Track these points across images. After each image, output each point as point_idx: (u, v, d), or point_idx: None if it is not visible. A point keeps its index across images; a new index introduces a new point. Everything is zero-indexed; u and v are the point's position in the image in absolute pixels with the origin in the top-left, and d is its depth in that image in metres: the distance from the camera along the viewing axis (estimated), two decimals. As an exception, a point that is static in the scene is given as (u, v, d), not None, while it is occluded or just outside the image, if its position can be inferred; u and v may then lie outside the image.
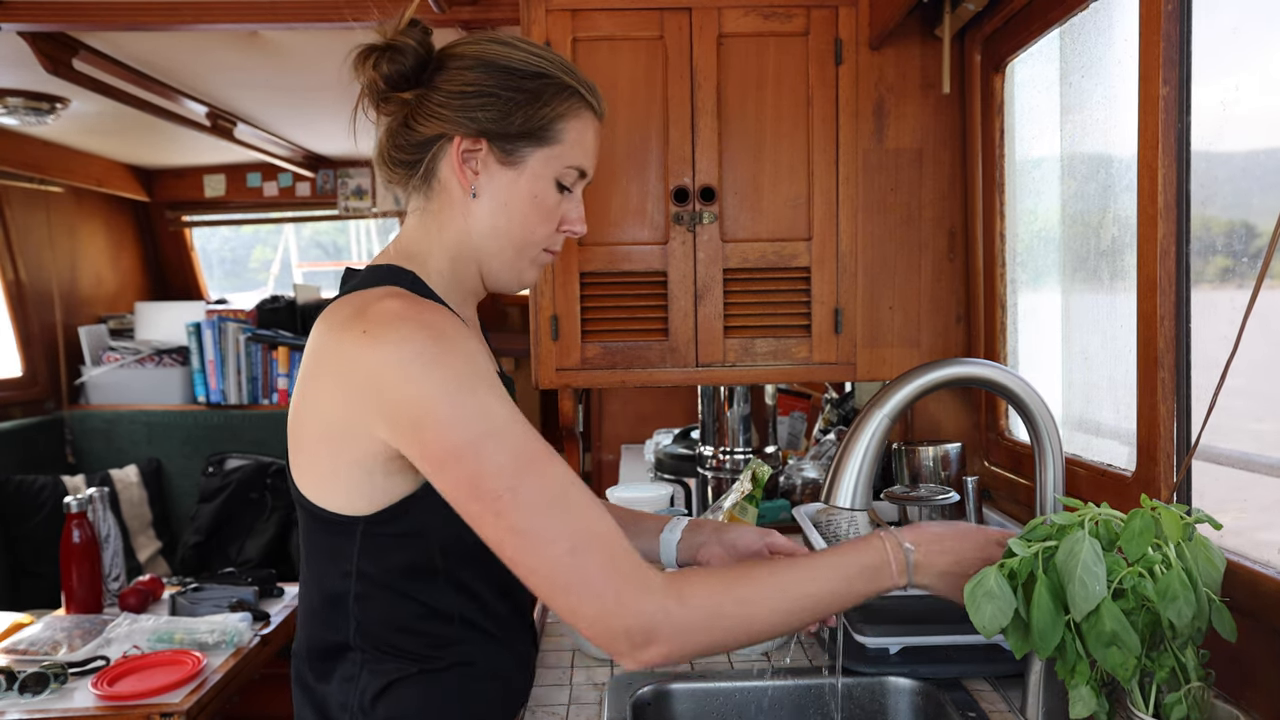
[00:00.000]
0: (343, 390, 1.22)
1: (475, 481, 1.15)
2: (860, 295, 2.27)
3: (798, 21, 2.20)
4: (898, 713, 1.66)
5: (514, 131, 1.33)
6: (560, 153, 1.37)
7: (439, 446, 1.16)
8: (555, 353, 2.26)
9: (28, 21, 2.80)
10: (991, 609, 1.20)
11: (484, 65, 1.33)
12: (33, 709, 2.42)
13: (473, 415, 1.16)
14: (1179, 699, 1.12)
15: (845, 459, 1.54)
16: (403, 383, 1.16)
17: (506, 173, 1.35)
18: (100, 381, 5.01)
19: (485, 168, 1.34)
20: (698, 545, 1.62)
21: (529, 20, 2.19)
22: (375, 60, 1.32)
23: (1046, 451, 1.51)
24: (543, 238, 1.40)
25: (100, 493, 3.18)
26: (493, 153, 1.33)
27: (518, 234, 1.38)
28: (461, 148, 1.33)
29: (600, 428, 4.05)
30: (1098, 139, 1.88)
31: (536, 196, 1.37)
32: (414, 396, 1.16)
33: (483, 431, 1.15)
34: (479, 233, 1.37)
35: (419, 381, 1.16)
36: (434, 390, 1.16)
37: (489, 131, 1.32)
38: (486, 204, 1.35)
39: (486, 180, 1.35)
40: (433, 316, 1.21)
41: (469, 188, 1.35)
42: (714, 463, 2.72)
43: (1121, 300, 1.75)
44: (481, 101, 1.31)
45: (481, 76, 1.32)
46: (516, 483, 1.14)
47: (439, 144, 1.34)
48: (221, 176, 5.61)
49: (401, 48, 1.32)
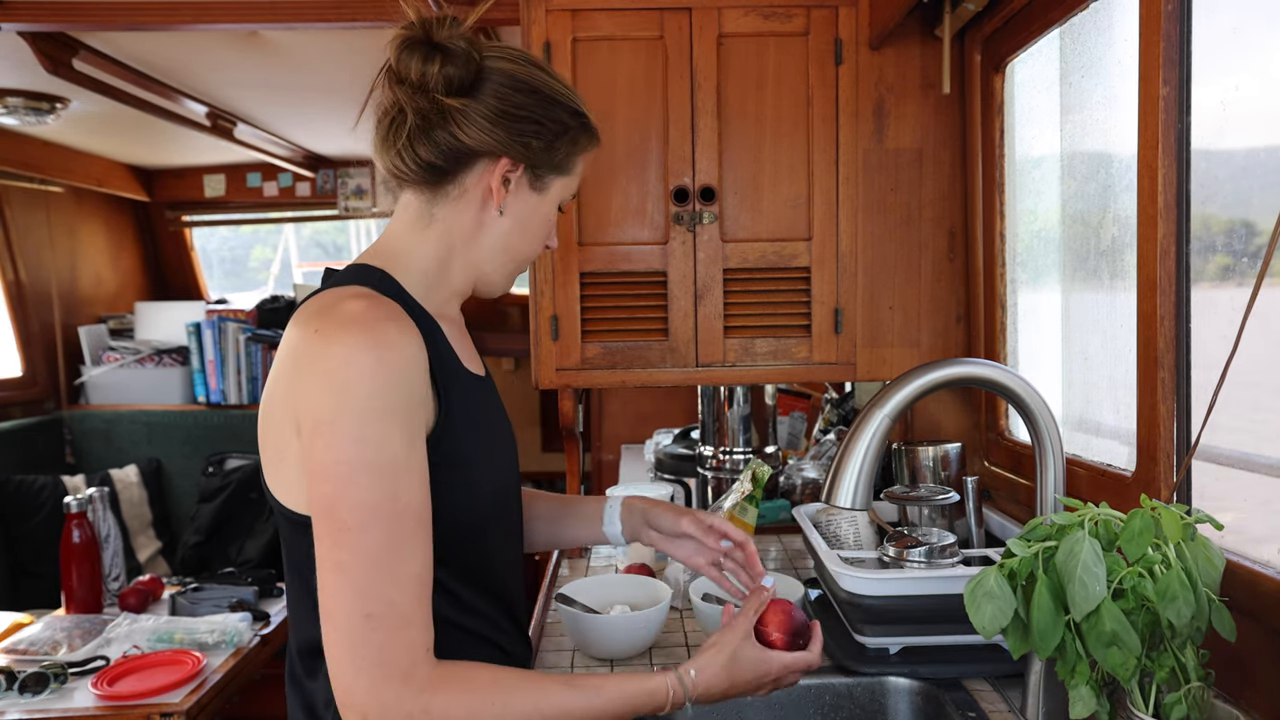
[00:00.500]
0: (288, 388, 1.22)
1: (333, 504, 1.14)
2: (860, 295, 2.27)
3: (798, 21, 2.20)
4: (898, 713, 1.66)
5: (552, 162, 1.38)
6: (571, 182, 1.43)
7: (322, 457, 1.15)
8: (555, 353, 2.26)
9: (28, 21, 2.80)
10: (991, 609, 1.20)
11: (533, 92, 1.34)
12: (33, 709, 2.42)
13: (367, 440, 1.14)
14: (1179, 699, 1.12)
15: (845, 459, 1.54)
16: (324, 387, 1.16)
17: (533, 196, 1.39)
18: (100, 381, 5.00)
19: (516, 188, 1.36)
20: (635, 525, 1.66)
21: (529, 20, 2.19)
22: (441, 59, 1.30)
23: (1047, 451, 1.51)
24: (536, 251, 1.46)
25: (100, 493, 3.18)
26: (526, 176, 1.36)
27: (526, 250, 1.43)
28: (504, 168, 1.34)
29: (600, 428, 4.05)
30: (1098, 139, 1.88)
31: (548, 219, 1.43)
32: (325, 404, 1.15)
33: (366, 462, 1.14)
34: (490, 245, 1.39)
35: (337, 391, 1.15)
36: (345, 403, 1.14)
37: (531, 159, 1.35)
38: (508, 222, 1.38)
39: (514, 200, 1.37)
40: (381, 329, 1.19)
41: (499, 205, 1.36)
42: (714, 463, 2.72)
43: (1121, 300, 1.75)
44: (533, 129, 1.33)
45: (531, 103, 1.33)
46: (366, 525, 1.13)
47: (481, 159, 1.34)
48: (221, 176, 5.60)
49: (463, 55, 1.30)
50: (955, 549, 1.70)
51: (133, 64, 3.42)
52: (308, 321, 1.21)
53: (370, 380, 1.15)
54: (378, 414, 1.15)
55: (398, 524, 1.15)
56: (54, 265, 4.98)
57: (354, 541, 1.13)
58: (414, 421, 1.19)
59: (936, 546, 1.68)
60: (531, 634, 1.96)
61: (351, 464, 1.13)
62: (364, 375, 1.15)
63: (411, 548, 1.16)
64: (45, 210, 4.95)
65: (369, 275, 1.32)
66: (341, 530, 1.13)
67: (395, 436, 1.16)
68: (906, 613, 1.63)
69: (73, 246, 5.18)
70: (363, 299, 1.23)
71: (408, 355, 1.19)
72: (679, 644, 1.89)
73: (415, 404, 1.20)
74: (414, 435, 1.19)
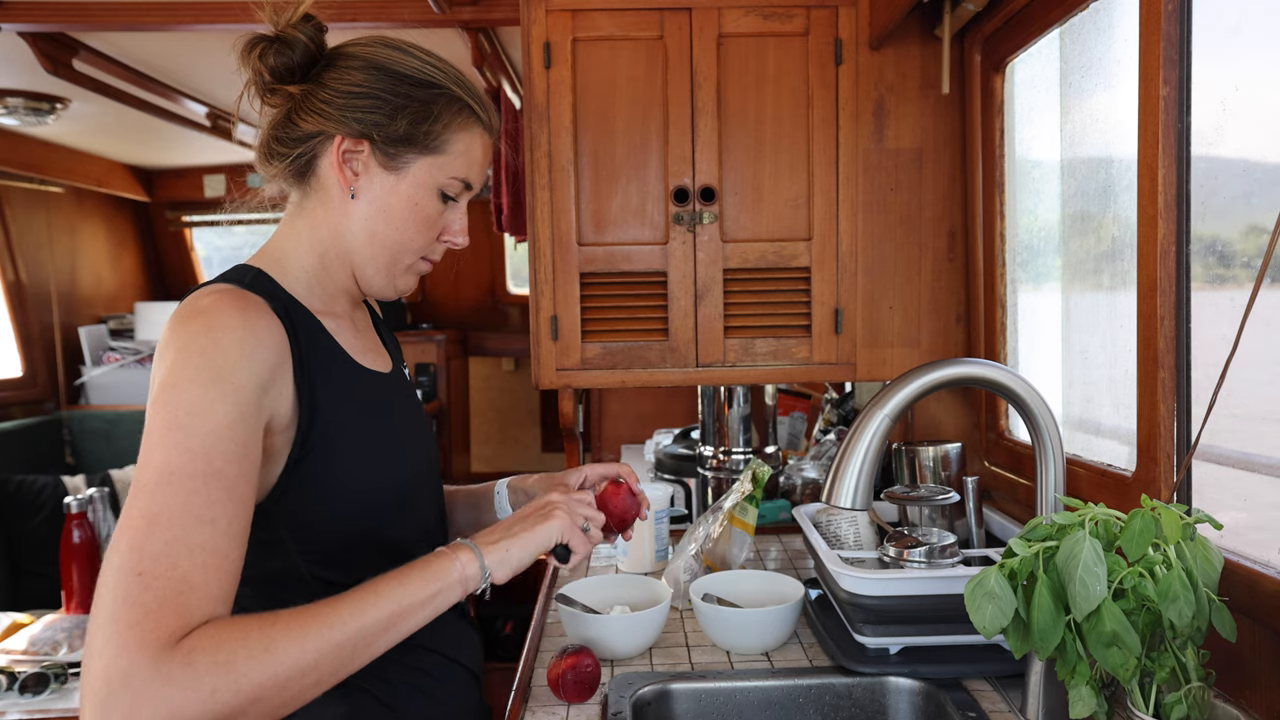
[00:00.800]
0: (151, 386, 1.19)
1: (142, 463, 1.08)
2: (860, 295, 2.27)
3: (798, 22, 2.20)
4: (898, 713, 1.66)
5: (399, 136, 1.32)
6: (444, 163, 1.36)
7: (151, 423, 1.11)
8: (555, 353, 2.26)
9: (28, 22, 2.81)
10: (992, 609, 1.20)
11: (374, 68, 1.32)
12: (33, 709, 2.42)
13: (179, 405, 1.10)
14: (1179, 699, 1.12)
15: (846, 459, 1.54)
16: (162, 370, 1.14)
17: (388, 177, 1.34)
18: (100, 382, 5.00)
19: (366, 170, 1.33)
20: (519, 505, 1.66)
21: (529, 20, 2.19)
22: (262, 51, 1.31)
23: (1047, 451, 1.51)
24: (421, 246, 1.40)
25: (100, 493, 3.18)
26: (375, 156, 1.33)
27: (394, 239, 1.37)
28: (343, 147, 1.32)
29: (600, 428, 4.05)
30: (1098, 139, 1.88)
31: (417, 204, 1.36)
32: (164, 378, 1.13)
33: (176, 424, 1.09)
34: (354, 234, 1.36)
35: (174, 367, 1.13)
36: (178, 376, 1.12)
37: (372, 134, 1.31)
38: (365, 206, 1.34)
39: (367, 182, 1.34)
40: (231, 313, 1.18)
41: (348, 188, 1.33)
42: (714, 463, 2.72)
43: (1121, 300, 1.75)
44: (368, 103, 1.31)
45: (370, 79, 1.31)
46: (160, 483, 1.06)
47: (319, 140, 1.33)
48: (221, 177, 5.61)
49: (291, 41, 1.31)
50: (955, 549, 1.70)
51: (133, 64, 3.42)
52: (169, 322, 1.20)
53: (200, 356, 1.13)
54: (198, 382, 1.11)
55: (201, 486, 1.06)
56: (54, 265, 4.98)
57: (143, 498, 1.05)
58: (245, 398, 1.15)
59: (937, 546, 1.68)
60: (531, 635, 1.95)
61: (165, 426, 1.09)
62: (193, 353, 1.13)
63: (213, 514, 1.06)
64: (45, 210, 4.95)
65: (241, 274, 1.32)
66: (137, 489, 1.06)
67: (216, 405, 1.11)
68: (907, 613, 1.63)
69: (73, 247, 5.18)
70: (215, 293, 1.22)
71: (249, 336, 1.18)
72: (679, 644, 1.89)
73: (251, 384, 1.16)
74: (244, 411, 1.14)
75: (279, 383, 1.21)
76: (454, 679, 1.46)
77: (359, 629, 1.11)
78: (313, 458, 1.25)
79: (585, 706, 1.63)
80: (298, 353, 1.25)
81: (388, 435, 1.38)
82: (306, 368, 1.25)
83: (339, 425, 1.28)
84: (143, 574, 1.00)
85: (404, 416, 1.46)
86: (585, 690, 1.62)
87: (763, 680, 1.69)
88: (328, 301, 1.39)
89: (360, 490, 1.31)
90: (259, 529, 1.21)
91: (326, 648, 1.08)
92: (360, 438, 1.32)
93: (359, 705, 1.30)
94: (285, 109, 1.34)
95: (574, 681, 1.61)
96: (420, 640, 1.26)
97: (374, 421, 1.36)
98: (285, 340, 1.22)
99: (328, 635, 1.08)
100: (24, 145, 4.56)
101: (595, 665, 1.64)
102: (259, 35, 1.32)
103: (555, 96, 2.21)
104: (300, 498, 1.25)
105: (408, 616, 1.17)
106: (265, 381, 1.18)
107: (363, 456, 1.31)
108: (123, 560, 1.00)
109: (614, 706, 1.60)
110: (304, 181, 1.36)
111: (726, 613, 1.82)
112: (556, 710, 1.62)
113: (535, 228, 2.24)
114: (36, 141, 4.63)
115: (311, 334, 1.31)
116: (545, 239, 2.24)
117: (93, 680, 0.96)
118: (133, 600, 0.98)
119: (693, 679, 1.70)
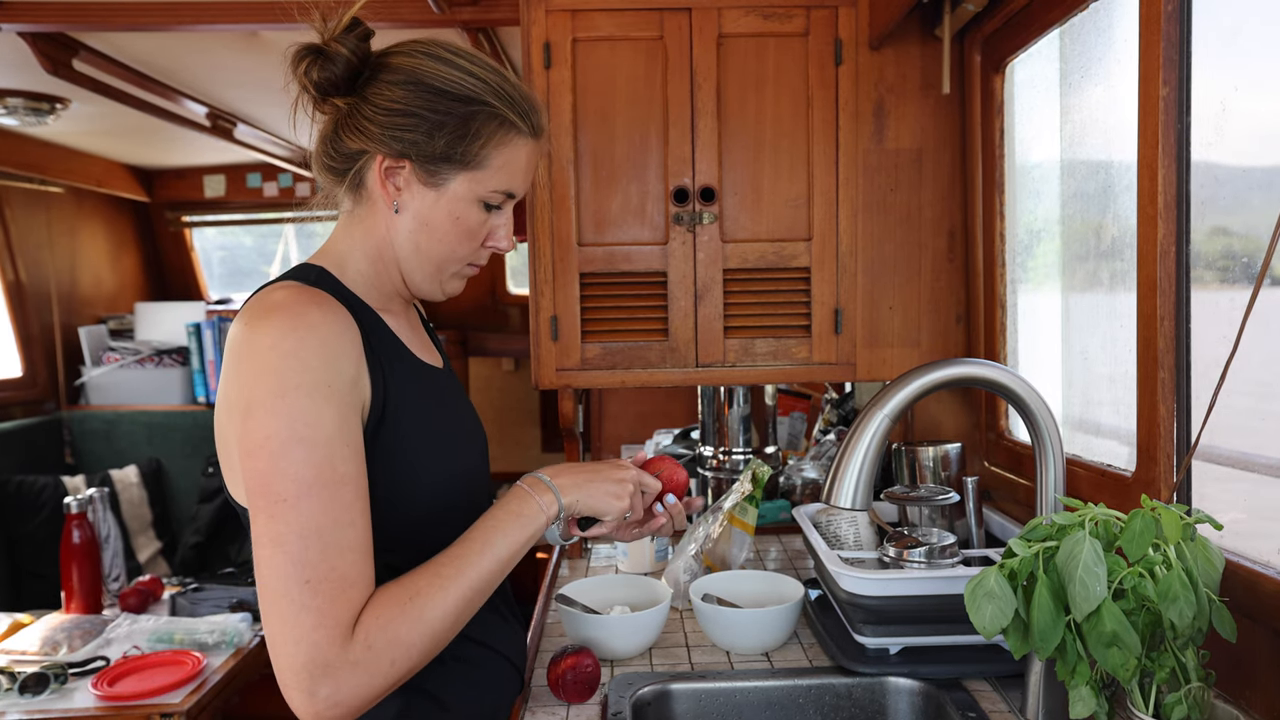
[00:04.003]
0: (226, 379, 1.24)
1: (267, 480, 1.15)
2: (860, 295, 2.27)
3: (797, 22, 2.20)
4: (898, 713, 1.66)
5: (437, 154, 1.33)
6: (484, 177, 1.37)
7: (253, 436, 1.17)
8: (555, 353, 2.26)
9: (28, 22, 2.80)
10: (992, 609, 1.20)
11: (413, 83, 1.33)
12: (33, 709, 2.42)
13: (295, 416, 1.16)
14: (1179, 699, 1.12)
15: (846, 459, 1.54)
16: (251, 372, 1.19)
17: (428, 193, 1.36)
18: (100, 382, 5.00)
19: (408, 186, 1.35)
20: None
21: (529, 20, 2.19)
22: (307, 65, 1.34)
23: (1047, 451, 1.51)
24: (464, 255, 1.42)
25: (100, 493, 3.18)
26: (415, 173, 1.35)
27: (437, 251, 1.40)
28: (384, 165, 1.34)
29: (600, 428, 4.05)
30: (1098, 139, 1.88)
31: (459, 217, 1.38)
32: (254, 385, 1.18)
33: (299, 437, 1.16)
34: (400, 245, 1.39)
35: (263, 373, 1.18)
36: (272, 381, 1.17)
37: (411, 153, 1.33)
38: (408, 220, 1.37)
39: (409, 198, 1.36)
40: (304, 313, 1.22)
41: (391, 202, 1.36)
42: (714, 463, 2.73)
43: (1121, 300, 1.75)
44: (407, 122, 1.32)
45: (409, 95, 1.32)
46: (301, 496, 1.15)
47: (364, 158, 1.35)
48: (221, 177, 5.61)
49: (333, 55, 1.32)
50: (955, 549, 1.70)
51: (133, 64, 3.42)
52: (240, 318, 1.24)
53: (294, 359, 1.18)
54: (304, 390, 1.17)
55: (336, 493, 1.17)
56: (54, 266, 4.98)
57: (290, 513, 1.15)
58: (344, 399, 1.21)
59: (936, 547, 1.68)
60: (531, 635, 1.96)
61: (282, 439, 1.15)
62: (288, 356, 1.18)
63: (351, 516, 1.18)
64: (45, 211, 4.95)
65: (305, 272, 1.37)
66: (277, 503, 1.15)
67: (325, 412, 1.18)
68: (907, 613, 1.63)
69: (73, 247, 5.18)
70: (287, 289, 1.26)
71: (332, 335, 1.22)
72: (679, 644, 1.89)
73: (344, 383, 1.22)
74: (345, 412, 1.21)
75: (361, 375, 1.27)
76: (500, 672, 1.48)
77: (478, 577, 1.28)
78: (382, 445, 1.29)
79: (585, 706, 1.63)
80: (369, 345, 1.29)
81: (447, 426, 1.44)
82: (377, 359, 1.31)
83: (406, 415, 1.33)
84: (309, 581, 1.14)
85: (458, 409, 1.52)
86: (585, 690, 1.62)
87: (763, 680, 1.70)
88: (384, 301, 1.43)
89: (424, 478, 1.35)
90: None
91: (460, 601, 1.25)
92: (424, 428, 1.37)
93: (411, 703, 1.34)
94: (333, 123, 1.37)
95: (574, 682, 1.61)
96: (469, 633, 1.34)
97: (435, 412, 1.42)
98: (359, 334, 1.27)
99: (457, 590, 1.25)
100: (24, 145, 4.55)
101: (595, 665, 1.64)
102: (305, 47, 1.34)
103: (555, 97, 2.21)
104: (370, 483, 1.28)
105: (512, 562, 1.33)
106: (353, 376, 1.24)
107: (427, 446, 1.36)
108: (290, 571, 1.14)
109: (614, 707, 1.60)
110: (355, 192, 1.39)
111: (726, 613, 1.82)
112: (556, 710, 1.62)
113: (535, 228, 2.24)
114: (36, 142, 4.62)
115: (376, 329, 1.36)
116: (545, 239, 2.24)
117: (297, 675, 1.13)
118: (308, 606, 1.13)
119: (693, 679, 1.70)
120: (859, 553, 1.87)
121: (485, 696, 1.45)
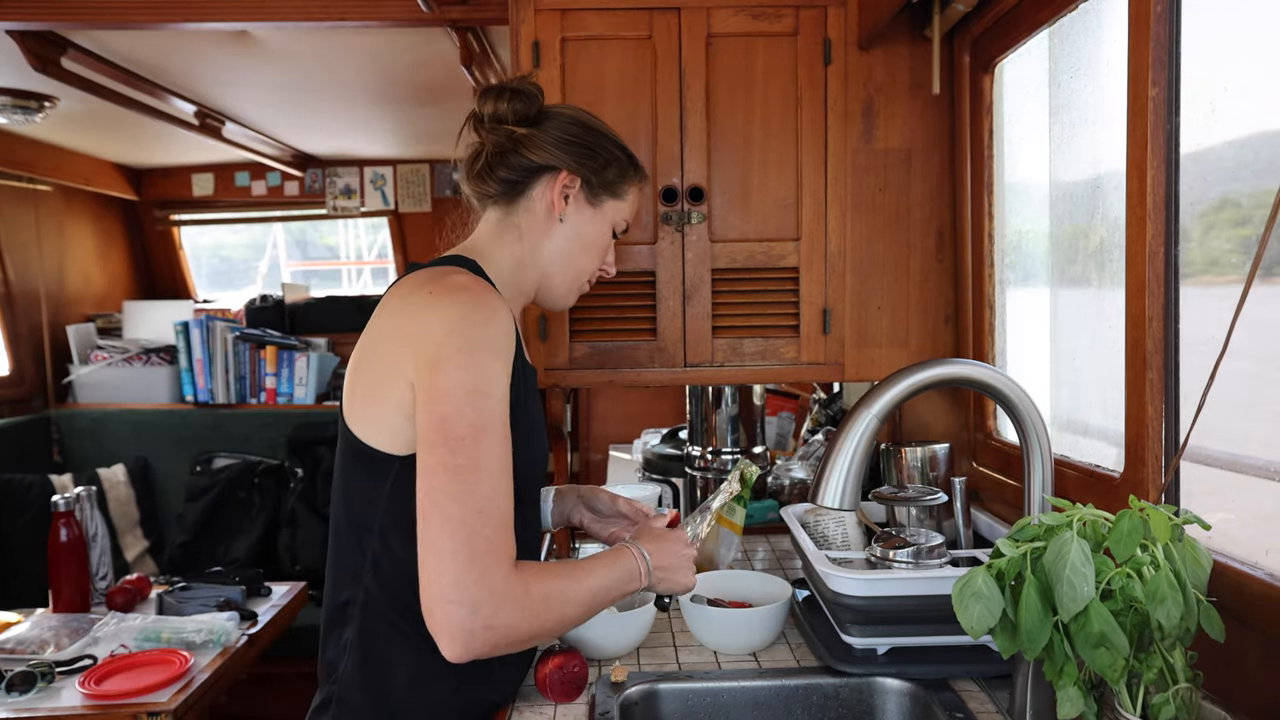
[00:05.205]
0: (396, 339, 1.43)
1: (447, 421, 1.32)
2: (848, 295, 2.27)
3: (786, 21, 2.20)
4: (885, 713, 1.66)
5: (605, 181, 1.65)
6: (622, 208, 1.71)
7: (440, 384, 1.34)
8: (544, 352, 2.25)
9: (16, 20, 2.79)
10: (979, 609, 1.20)
11: (584, 125, 1.65)
12: (20, 708, 2.41)
13: (477, 373, 1.35)
14: (1166, 700, 1.12)
15: (833, 459, 1.54)
16: (442, 332, 1.37)
17: (588, 210, 1.66)
18: (88, 380, 4.98)
19: (575, 202, 1.64)
20: (568, 510, 1.92)
21: (518, 20, 2.19)
22: (510, 97, 1.62)
23: (1035, 452, 1.51)
24: (593, 270, 1.72)
25: (88, 491, 3.16)
26: (583, 192, 1.64)
27: (581, 260, 1.68)
28: (563, 180, 1.61)
29: (589, 427, 4.05)
30: (1087, 140, 1.88)
31: (602, 235, 1.69)
32: (443, 343, 1.36)
33: (477, 389, 1.34)
34: (553, 250, 1.65)
35: (454, 334, 1.36)
36: (460, 343, 1.36)
37: (590, 177, 1.64)
38: (567, 230, 1.65)
39: (573, 211, 1.64)
40: (488, 296, 1.43)
41: (558, 213, 1.63)
42: (702, 463, 2.72)
43: (1110, 300, 1.75)
44: (586, 151, 1.63)
45: (584, 132, 1.64)
46: (480, 438, 1.33)
47: (545, 173, 1.62)
48: (210, 175, 5.59)
49: (530, 94, 1.64)
50: (943, 549, 1.70)
51: (121, 62, 3.41)
52: (420, 286, 1.45)
53: (484, 329, 1.38)
54: (489, 354, 1.38)
55: (500, 443, 1.35)
56: (42, 264, 4.96)
57: (471, 450, 1.31)
58: (509, 373, 1.42)
59: (924, 547, 1.68)
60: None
61: (467, 388, 1.34)
62: (477, 325, 1.38)
63: (507, 466, 1.36)
64: (33, 209, 4.93)
65: (465, 263, 1.55)
66: (457, 440, 1.31)
67: (501, 376, 1.39)
68: (894, 613, 1.63)
69: (61, 245, 5.16)
70: (466, 275, 1.47)
71: (506, 320, 1.43)
72: (667, 644, 1.89)
73: (510, 360, 1.43)
74: (507, 385, 1.41)
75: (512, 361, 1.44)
76: (511, 663, 1.59)
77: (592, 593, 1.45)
78: None
79: (572, 706, 1.63)
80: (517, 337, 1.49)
81: (539, 422, 1.63)
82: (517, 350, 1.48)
83: (520, 404, 1.47)
84: (482, 511, 1.30)
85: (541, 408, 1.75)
86: (572, 690, 1.62)
87: (750, 681, 1.69)
88: (512, 301, 1.64)
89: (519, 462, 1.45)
90: None
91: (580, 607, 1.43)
92: (528, 419, 1.53)
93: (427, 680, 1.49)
94: (509, 144, 1.61)
95: (561, 681, 1.61)
96: None
97: (534, 407, 1.59)
98: (516, 327, 1.48)
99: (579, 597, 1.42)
100: (12, 143, 4.53)
101: (583, 665, 1.64)
102: (503, 86, 1.64)
103: (544, 96, 2.21)
104: None
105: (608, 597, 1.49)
106: (513, 359, 1.44)
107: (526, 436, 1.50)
108: (467, 500, 1.30)
109: (601, 706, 1.60)
110: (513, 200, 1.64)
111: (714, 613, 1.82)
112: (544, 710, 1.62)
113: (524, 227, 2.23)
114: (24, 140, 4.60)
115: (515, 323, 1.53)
116: (534, 238, 2.23)
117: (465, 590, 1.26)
118: (480, 532, 1.29)
119: (680, 679, 1.70)
120: (847, 553, 1.87)
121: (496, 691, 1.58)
